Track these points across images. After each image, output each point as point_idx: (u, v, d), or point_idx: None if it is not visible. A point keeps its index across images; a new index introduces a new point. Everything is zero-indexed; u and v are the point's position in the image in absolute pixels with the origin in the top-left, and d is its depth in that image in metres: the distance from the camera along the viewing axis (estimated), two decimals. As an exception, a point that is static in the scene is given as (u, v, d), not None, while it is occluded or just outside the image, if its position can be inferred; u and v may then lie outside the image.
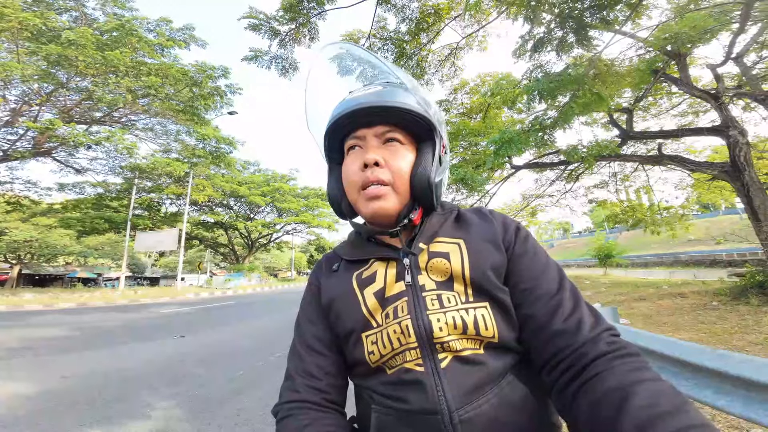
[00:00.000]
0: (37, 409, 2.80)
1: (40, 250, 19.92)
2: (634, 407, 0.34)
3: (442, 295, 0.52)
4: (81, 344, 5.43)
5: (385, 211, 0.55)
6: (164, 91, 13.68)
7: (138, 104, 14.31)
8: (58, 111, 14.08)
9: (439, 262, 0.55)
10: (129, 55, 12.43)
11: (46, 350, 4.95)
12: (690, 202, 11.05)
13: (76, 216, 20.89)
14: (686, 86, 6.14)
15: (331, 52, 0.69)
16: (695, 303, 5.71)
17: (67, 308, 11.49)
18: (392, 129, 0.57)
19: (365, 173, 0.54)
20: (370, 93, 0.56)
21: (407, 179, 0.56)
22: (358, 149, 0.57)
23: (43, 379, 3.56)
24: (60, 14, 12.79)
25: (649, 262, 28.32)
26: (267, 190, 29.56)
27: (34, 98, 13.07)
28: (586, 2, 4.29)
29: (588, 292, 9.52)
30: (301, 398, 0.54)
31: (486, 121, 9.71)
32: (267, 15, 7.17)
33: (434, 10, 7.72)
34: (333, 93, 0.63)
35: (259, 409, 2.79)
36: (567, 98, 5.64)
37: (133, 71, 12.68)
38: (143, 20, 13.58)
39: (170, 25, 14.17)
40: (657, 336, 1.87)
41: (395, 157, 0.55)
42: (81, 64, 11.58)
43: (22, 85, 12.13)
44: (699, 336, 4.04)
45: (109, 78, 12.58)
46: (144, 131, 17.31)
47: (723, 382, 1.30)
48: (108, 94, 13.18)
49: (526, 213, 13.90)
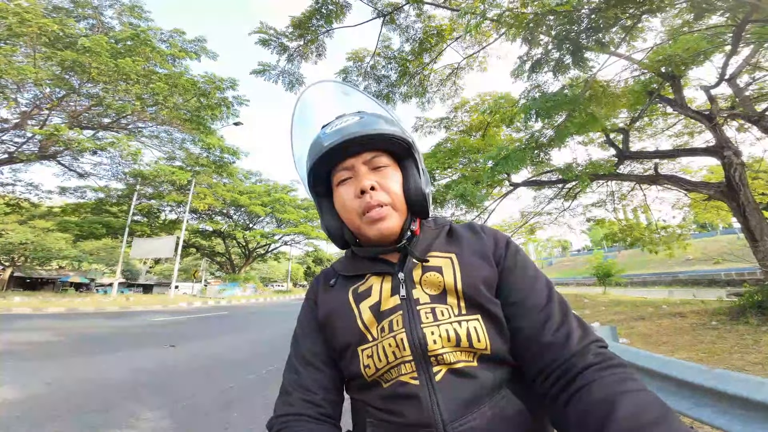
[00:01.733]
0: (14, 415, 2.70)
1: (34, 253, 19.75)
2: (619, 418, 0.35)
3: (436, 308, 0.53)
4: (67, 350, 5.30)
5: (390, 230, 0.57)
6: (172, 100, 13.92)
7: (146, 112, 14.54)
8: (68, 115, 14.27)
9: (432, 275, 0.56)
10: (141, 63, 12.72)
11: (32, 355, 4.82)
12: (687, 222, 11.11)
13: (74, 220, 20.80)
14: (681, 107, 6.30)
15: (310, 95, 0.73)
16: (694, 322, 5.65)
17: (57, 313, 11.26)
18: (377, 154, 0.59)
19: (364, 199, 0.56)
20: (352, 124, 0.58)
21: (402, 196, 0.59)
22: (350, 179, 0.59)
23: (25, 385, 3.45)
24: (78, 21, 13.15)
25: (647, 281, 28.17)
26: (267, 201, 29.62)
27: (44, 102, 13.28)
28: (583, 25, 4.47)
29: (587, 311, 9.40)
30: (296, 411, 0.54)
31: (485, 139, 9.89)
32: (277, 31, 7.42)
33: (437, 31, 8.02)
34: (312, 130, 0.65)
35: (247, 423, 2.70)
36: (563, 118, 5.77)
37: (144, 80, 12.95)
38: (157, 30, 13.94)
39: (183, 37, 14.60)
40: (655, 356, 1.86)
41: (387, 180, 0.59)
42: (94, 71, 11.82)
43: (35, 88, 12.34)
44: (698, 356, 3.98)
45: (119, 85, 12.84)
46: (150, 138, 17.48)
47: (721, 401, 1.29)
48: (117, 101, 13.42)
49: (525, 230, 13.93)
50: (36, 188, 18.32)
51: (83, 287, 30.36)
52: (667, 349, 4.43)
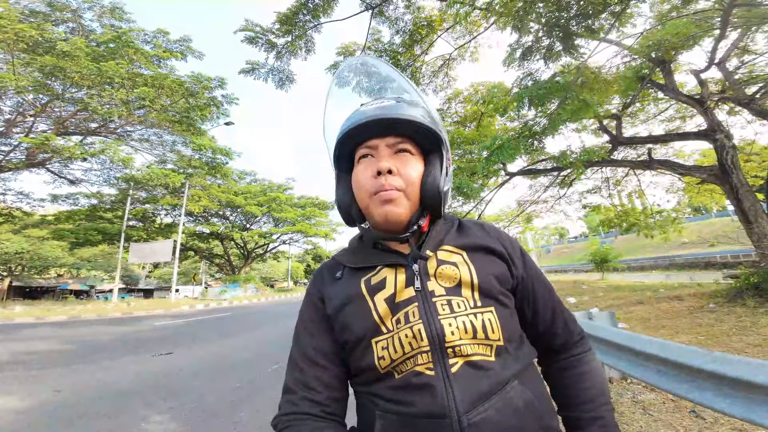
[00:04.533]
0: (29, 422, 2.73)
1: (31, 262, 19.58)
2: (584, 387, 0.60)
3: (452, 300, 0.54)
4: (73, 358, 5.30)
5: (396, 216, 0.56)
6: (160, 102, 13.68)
7: (134, 115, 14.30)
8: (53, 122, 14.01)
9: (448, 268, 0.57)
10: (125, 66, 12.45)
11: (38, 364, 4.83)
12: (682, 206, 11.23)
13: (68, 227, 20.59)
14: (672, 92, 6.32)
15: (353, 65, 0.73)
16: (692, 306, 5.72)
17: (59, 321, 11.23)
18: (403, 140, 0.59)
19: (379, 180, 0.56)
20: (384, 106, 0.59)
21: (418, 187, 0.58)
22: (370, 158, 0.59)
23: (35, 393, 3.48)
24: (57, 25, 12.81)
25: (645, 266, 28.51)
26: (263, 200, 29.45)
27: (28, 109, 13.00)
28: (572, 11, 4.44)
29: (585, 297, 9.52)
30: (300, 410, 0.54)
31: (480, 130, 9.87)
32: (263, 28, 7.30)
33: (427, 23, 7.93)
34: (349, 105, 0.66)
35: (256, 421, 2.74)
36: (555, 105, 5.78)
37: (129, 83, 12.69)
38: (140, 32, 13.67)
39: (167, 37, 14.32)
40: (654, 339, 1.87)
41: (406, 166, 0.58)
42: (76, 76, 11.56)
43: (16, 96, 12.08)
44: (698, 339, 4.03)
45: (104, 89, 12.59)
46: (140, 142, 17.24)
47: (722, 384, 1.30)
48: (103, 106, 13.19)
49: (522, 219, 14.02)
50: (27, 197, 18.07)
51: (83, 294, 30.19)
52: (667, 332, 4.49)
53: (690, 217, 35.14)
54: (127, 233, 20.18)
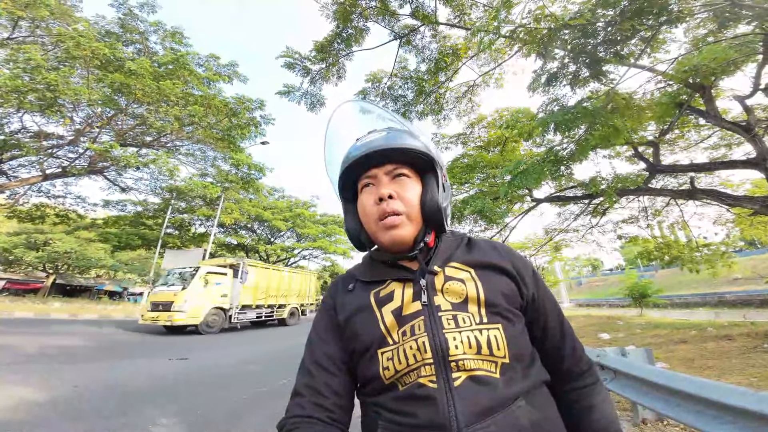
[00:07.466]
0: (43, 415, 2.87)
1: (77, 262, 21.27)
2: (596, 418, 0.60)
3: (457, 315, 0.55)
4: (95, 355, 5.57)
5: (402, 238, 0.60)
6: (207, 120, 15.00)
7: (183, 131, 15.72)
8: (115, 134, 15.70)
9: (455, 284, 0.59)
10: (180, 86, 13.86)
11: (63, 358, 5.09)
12: (732, 239, 10.18)
13: (114, 231, 22.39)
14: (714, 119, 5.94)
15: (345, 108, 0.81)
16: (744, 345, 5.07)
17: (90, 319, 11.97)
18: (399, 166, 0.65)
19: (381, 206, 0.60)
20: (378, 138, 0.64)
21: (418, 207, 0.62)
22: (372, 186, 0.64)
23: (54, 387, 3.64)
24: (127, 46, 14.61)
25: (690, 302, 25.78)
26: (289, 216, 30.50)
27: (96, 121, 14.67)
28: (599, 38, 4.42)
29: (621, 334, 8.69)
30: (307, 414, 0.56)
31: (504, 154, 9.76)
32: (301, 54, 7.92)
33: (452, 50, 8.21)
34: (346, 143, 0.72)
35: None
36: (582, 130, 5.62)
37: (182, 101, 14.06)
38: (195, 55, 15.24)
39: (218, 61, 15.93)
40: (693, 378, 1.72)
41: (405, 190, 0.62)
42: (138, 92, 12.99)
43: (88, 108, 13.65)
44: (749, 380, 3.57)
45: (161, 106, 14.02)
46: (186, 156, 18.81)
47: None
48: (159, 121, 14.63)
49: (549, 248, 13.34)
50: (83, 201, 20.01)
51: (116, 295, 32.17)
52: (713, 373, 3.98)
53: (744, 251, 31.65)
54: (163, 239, 21.58)
